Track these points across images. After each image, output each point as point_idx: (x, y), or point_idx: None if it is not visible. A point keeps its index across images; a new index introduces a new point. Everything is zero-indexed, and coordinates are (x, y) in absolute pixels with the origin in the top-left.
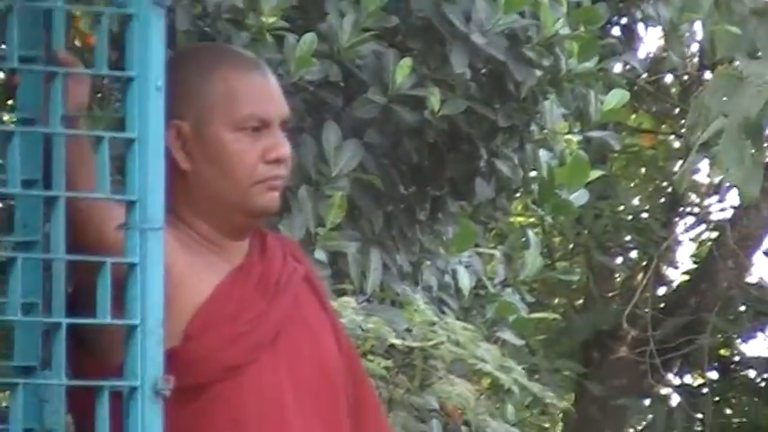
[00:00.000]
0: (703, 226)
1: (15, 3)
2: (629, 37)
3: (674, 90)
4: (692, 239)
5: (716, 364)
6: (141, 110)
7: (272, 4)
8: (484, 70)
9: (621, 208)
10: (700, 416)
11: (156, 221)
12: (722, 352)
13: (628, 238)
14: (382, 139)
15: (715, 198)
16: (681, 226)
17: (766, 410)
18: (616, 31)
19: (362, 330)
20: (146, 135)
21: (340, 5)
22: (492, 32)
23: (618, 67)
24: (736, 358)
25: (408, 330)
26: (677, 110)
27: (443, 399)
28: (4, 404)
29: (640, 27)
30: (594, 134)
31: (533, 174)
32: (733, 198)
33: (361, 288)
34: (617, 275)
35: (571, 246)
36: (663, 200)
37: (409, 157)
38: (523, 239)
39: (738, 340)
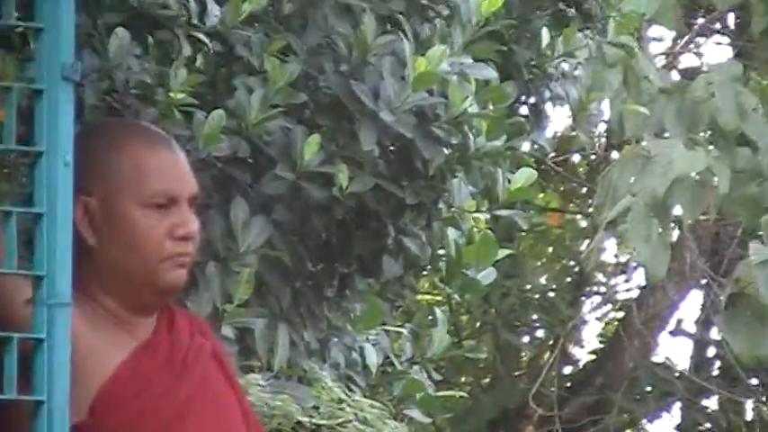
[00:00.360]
0: (609, 305)
1: None
2: (537, 116)
3: (581, 169)
4: (598, 319)
5: None
6: (50, 185)
7: (181, 80)
8: (392, 147)
9: (528, 287)
10: None
11: (64, 297)
12: None
13: (535, 316)
14: (290, 216)
15: (621, 278)
16: (587, 305)
17: None
18: (524, 110)
19: (270, 408)
20: (54, 210)
21: (248, 81)
22: (400, 110)
23: (526, 146)
24: None
25: (316, 408)
26: (584, 189)
27: None
28: None
29: (548, 106)
30: (502, 213)
31: (441, 252)
32: (639, 278)
33: (269, 365)
34: (523, 354)
35: (478, 324)
36: (570, 279)
37: (317, 233)
38: (431, 317)
39: (644, 420)
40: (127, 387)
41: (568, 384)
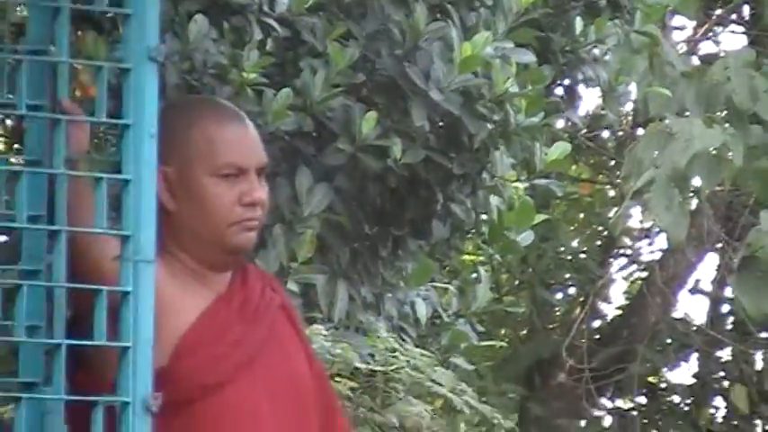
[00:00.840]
0: (635, 266)
1: (25, 57)
2: (571, 96)
3: (610, 144)
4: (624, 278)
5: (644, 390)
6: (136, 154)
7: (253, 61)
8: (441, 123)
9: (562, 249)
10: None
11: (148, 254)
12: (650, 379)
13: (567, 275)
14: (350, 184)
15: (646, 241)
16: (615, 266)
17: None
18: (559, 90)
19: (331, 355)
20: (139, 177)
21: (312, 63)
22: (448, 90)
23: (561, 123)
24: (663, 385)
25: (371, 355)
26: (613, 162)
27: (403, 417)
28: (8, 416)
29: (581, 87)
30: (539, 182)
31: (484, 217)
32: (661, 242)
33: (330, 316)
34: (557, 309)
35: (517, 282)
36: (599, 242)
37: (373, 200)
38: (474, 275)
39: (665, 369)
40: (206, 334)
41: (597, 337)
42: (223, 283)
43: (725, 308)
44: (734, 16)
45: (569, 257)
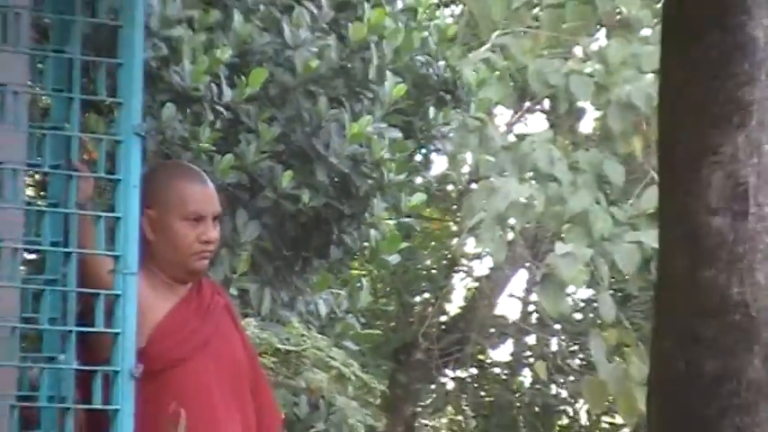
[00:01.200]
0: (469, 279)
1: (48, 131)
2: (426, 161)
3: (453, 195)
4: (463, 287)
5: (475, 364)
6: (125, 200)
7: (206, 135)
8: (336, 179)
9: (420, 266)
10: (465, 396)
11: (133, 269)
12: (480, 357)
13: (423, 285)
14: (273, 221)
15: (477, 262)
16: (456, 278)
17: (506, 395)
18: (418, 157)
19: (259, 339)
20: (127, 215)
21: (248, 137)
22: (342, 156)
23: (419, 180)
24: (489, 361)
25: (287, 339)
26: (455, 207)
27: (309, 382)
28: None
29: (433, 155)
30: (404, 220)
31: (366, 244)
32: (488, 262)
33: (259, 312)
34: (416, 308)
35: (388, 289)
36: (445, 262)
37: (289, 232)
38: (359, 284)
39: (490, 350)
40: (172, 325)
41: (443, 327)
42: (185, 291)
43: (531, 308)
44: (539, 107)
45: (424, 272)
